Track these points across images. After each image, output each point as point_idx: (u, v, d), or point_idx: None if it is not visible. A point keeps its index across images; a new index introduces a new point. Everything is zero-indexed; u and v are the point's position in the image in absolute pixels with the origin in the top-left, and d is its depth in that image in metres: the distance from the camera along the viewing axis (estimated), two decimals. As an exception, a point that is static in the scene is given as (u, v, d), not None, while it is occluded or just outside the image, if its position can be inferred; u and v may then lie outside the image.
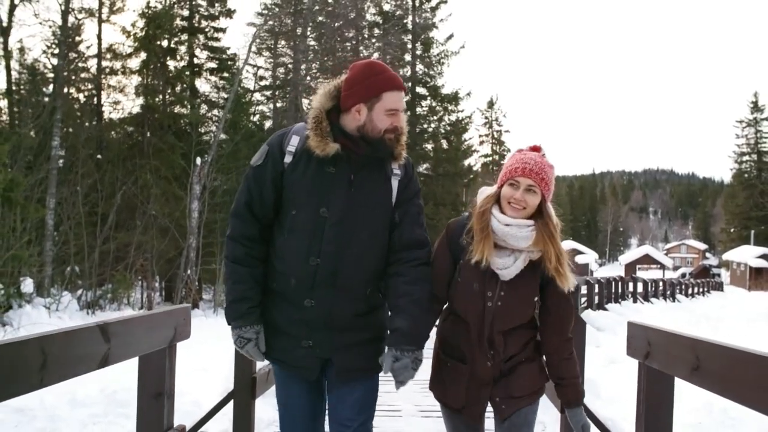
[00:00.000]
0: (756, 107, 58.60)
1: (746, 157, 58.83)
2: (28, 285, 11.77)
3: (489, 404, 2.23)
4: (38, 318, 11.43)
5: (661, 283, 22.77)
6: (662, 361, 2.27)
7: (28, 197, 13.69)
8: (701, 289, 28.71)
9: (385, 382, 2.22)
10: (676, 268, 71.74)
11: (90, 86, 22.03)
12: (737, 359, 1.77)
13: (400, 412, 4.93)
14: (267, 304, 2.17)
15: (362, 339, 2.13)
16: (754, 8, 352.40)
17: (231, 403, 3.49)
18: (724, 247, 61.55)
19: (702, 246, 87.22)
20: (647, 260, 67.21)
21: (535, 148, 2.18)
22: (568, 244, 57.27)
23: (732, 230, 59.24)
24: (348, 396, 2.16)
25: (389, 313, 2.18)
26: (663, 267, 62.14)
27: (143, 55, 21.01)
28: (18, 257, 10.60)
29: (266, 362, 2.26)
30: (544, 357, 2.26)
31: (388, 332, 2.13)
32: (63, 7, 18.58)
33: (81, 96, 21.94)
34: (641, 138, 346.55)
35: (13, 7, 18.75)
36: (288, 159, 2.11)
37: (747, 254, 49.62)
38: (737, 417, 4.69)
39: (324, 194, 2.07)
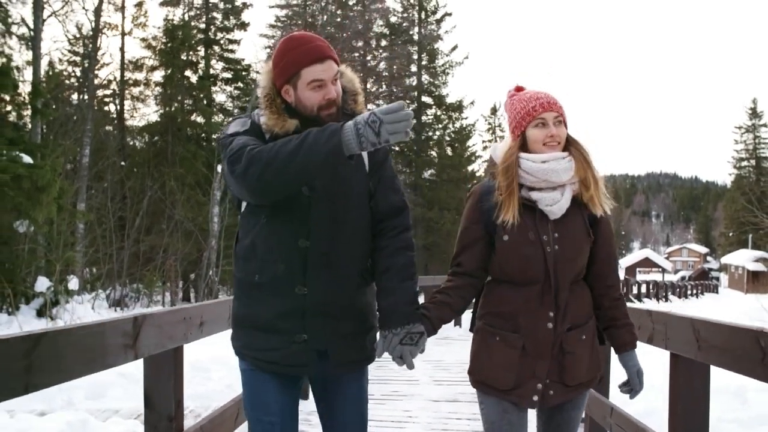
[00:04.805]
0: (754, 113, 59.50)
1: (745, 163, 59.82)
2: (73, 283, 13.06)
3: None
4: (84, 314, 12.71)
5: (653, 285, 23.98)
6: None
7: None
8: (694, 291, 29.88)
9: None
10: (676, 272, 72.81)
11: (110, 92, 23.38)
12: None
13: (417, 381, 6.15)
14: (251, 301, 1.96)
15: (357, 329, 1.98)
16: (757, 13, 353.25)
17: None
18: (723, 251, 62.48)
19: (703, 249, 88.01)
20: (647, 263, 68.31)
21: (520, 89, 2.10)
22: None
23: (731, 234, 60.23)
24: (342, 397, 2.02)
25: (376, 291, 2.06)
26: (663, 270, 63.17)
27: (165, 67, 22.31)
28: (69, 258, 11.85)
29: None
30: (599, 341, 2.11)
31: (378, 314, 2.02)
32: (93, 24, 19.94)
33: (105, 106, 23.28)
34: (645, 142, 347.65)
35: (41, 22, 20.04)
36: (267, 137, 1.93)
37: (745, 258, 50.61)
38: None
39: None
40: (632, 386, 2.06)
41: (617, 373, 4.49)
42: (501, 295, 2.02)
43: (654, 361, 6.13)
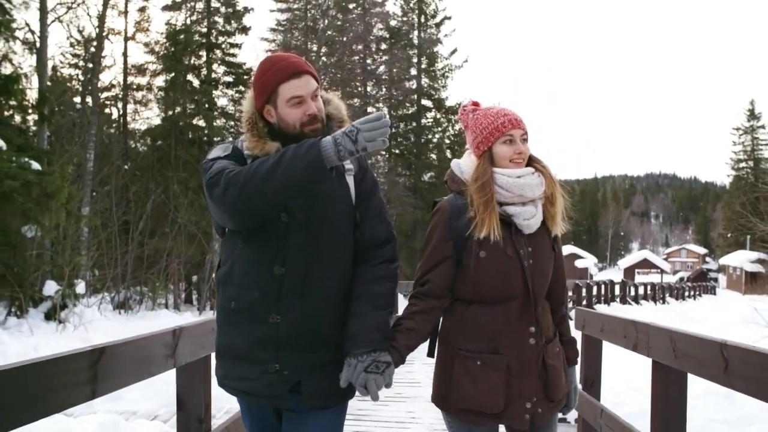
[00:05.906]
0: (752, 115, 59.77)
1: (743, 164, 60.08)
2: (81, 286, 13.30)
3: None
4: (91, 317, 12.95)
5: (650, 287, 24.23)
6: (590, 329, 3.76)
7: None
8: (692, 293, 30.12)
9: (406, 363, 2.14)
10: (675, 272, 72.99)
11: (112, 95, 23.63)
12: (611, 321, 3.28)
13: (420, 383, 6.42)
14: (229, 329, 1.92)
15: (333, 361, 1.88)
16: (755, 14, 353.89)
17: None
18: (722, 252, 62.70)
19: (702, 250, 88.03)
20: (646, 264, 68.48)
21: (477, 104, 2.13)
22: (567, 249, 58.59)
23: (729, 235, 60.45)
24: (314, 429, 1.91)
25: None
26: (662, 271, 63.36)
27: (168, 72, 22.57)
28: (77, 262, 12.11)
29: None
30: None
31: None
32: (98, 30, 20.18)
33: (106, 108, 23.54)
34: (644, 142, 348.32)
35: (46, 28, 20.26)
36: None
37: (743, 259, 50.80)
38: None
39: None
40: (568, 403, 2.14)
41: (609, 375, 4.76)
42: (476, 315, 1.98)
43: (640, 366, 6.42)
